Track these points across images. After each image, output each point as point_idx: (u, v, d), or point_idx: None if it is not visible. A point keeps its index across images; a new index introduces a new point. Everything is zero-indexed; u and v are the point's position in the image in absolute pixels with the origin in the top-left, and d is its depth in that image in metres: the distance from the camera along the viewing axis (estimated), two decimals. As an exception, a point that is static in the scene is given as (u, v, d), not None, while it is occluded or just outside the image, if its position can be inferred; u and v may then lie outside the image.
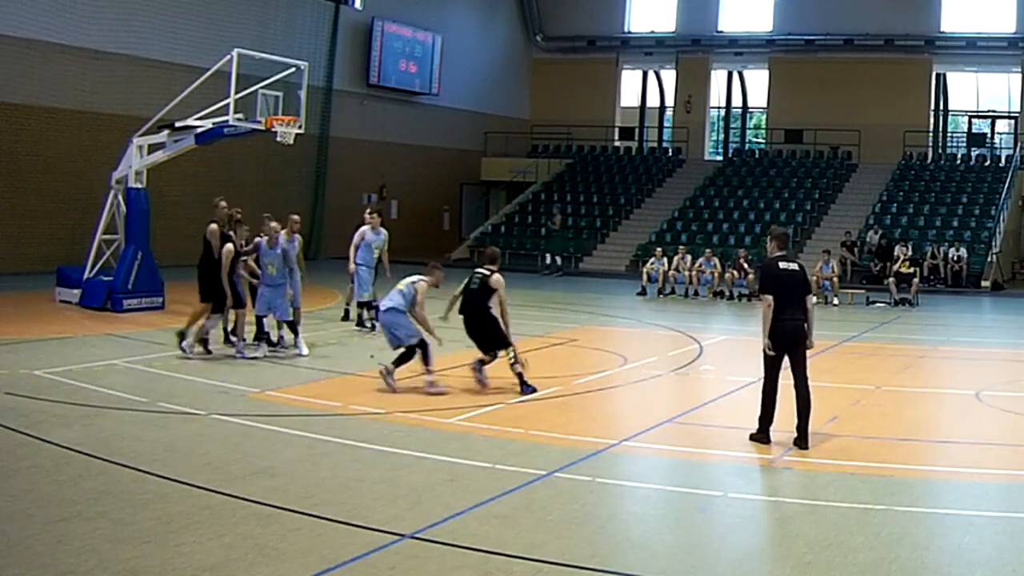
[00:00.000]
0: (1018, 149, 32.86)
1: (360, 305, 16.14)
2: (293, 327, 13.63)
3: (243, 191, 27.07)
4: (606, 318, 19.90)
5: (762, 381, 9.23)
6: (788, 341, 9.07)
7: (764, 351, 9.15)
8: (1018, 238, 30.95)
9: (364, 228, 16.14)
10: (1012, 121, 36.17)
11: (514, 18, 39.92)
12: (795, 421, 9.01)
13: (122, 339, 14.42)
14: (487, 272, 11.66)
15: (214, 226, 13.38)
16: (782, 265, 9.24)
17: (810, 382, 9.15)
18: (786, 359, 9.17)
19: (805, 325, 9.13)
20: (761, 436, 9.18)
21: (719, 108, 41.56)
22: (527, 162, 37.34)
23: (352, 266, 15.95)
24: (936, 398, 12.29)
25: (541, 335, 16.39)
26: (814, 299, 9.39)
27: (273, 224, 13.37)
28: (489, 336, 11.50)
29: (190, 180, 25.87)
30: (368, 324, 15.70)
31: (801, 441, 8.99)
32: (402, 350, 11.41)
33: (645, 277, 24.32)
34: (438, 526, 6.69)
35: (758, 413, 9.18)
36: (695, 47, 37.76)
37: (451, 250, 32.85)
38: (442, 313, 11.70)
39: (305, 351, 13.48)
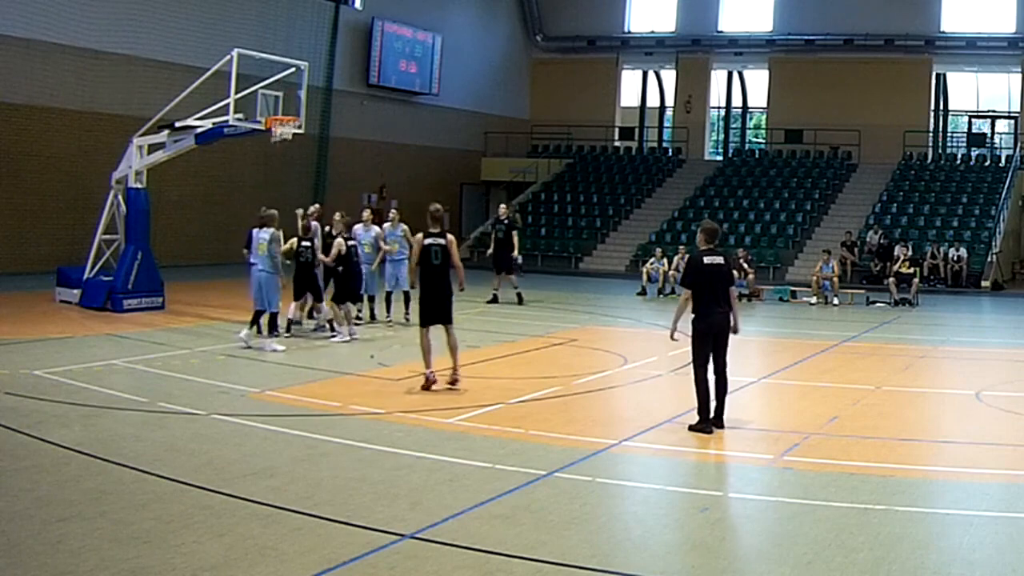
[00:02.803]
0: (1018, 149, 32.84)
1: (371, 299, 16.90)
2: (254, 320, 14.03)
3: (243, 191, 27.12)
4: (606, 318, 19.89)
5: (692, 372, 9.67)
6: (716, 332, 9.60)
7: (693, 342, 9.63)
8: (1018, 238, 30.94)
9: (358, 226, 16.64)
10: (1012, 121, 36.15)
11: (514, 18, 39.90)
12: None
13: (122, 339, 14.41)
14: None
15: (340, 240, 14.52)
16: (707, 260, 9.64)
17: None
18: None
19: (731, 315, 9.66)
20: (702, 427, 9.49)
21: (719, 108, 41.54)
22: (527, 162, 37.32)
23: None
24: (936, 398, 12.27)
25: (541, 335, 16.41)
26: (736, 291, 10.01)
27: (271, 211, 14.21)
28: None
29: (190, 180, 25.88)
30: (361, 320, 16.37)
31: (718, 420, 9.54)
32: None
33: (645, 277, 24.33)
34: (438, 526, 6.68)
35: (695, 405, 9.58)
36: (695, 47, 37.74)
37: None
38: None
39: (250, 342, 13.80)
